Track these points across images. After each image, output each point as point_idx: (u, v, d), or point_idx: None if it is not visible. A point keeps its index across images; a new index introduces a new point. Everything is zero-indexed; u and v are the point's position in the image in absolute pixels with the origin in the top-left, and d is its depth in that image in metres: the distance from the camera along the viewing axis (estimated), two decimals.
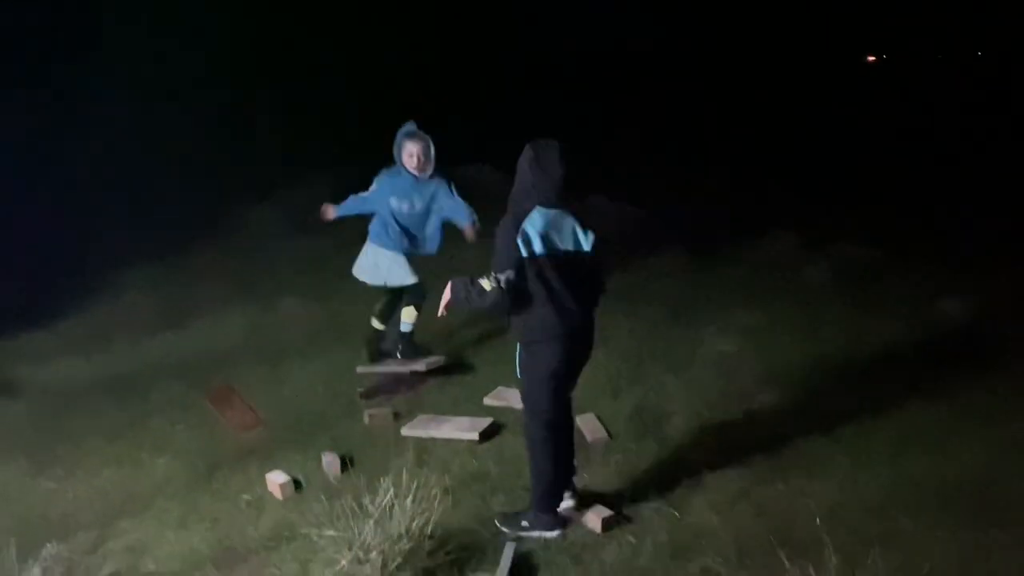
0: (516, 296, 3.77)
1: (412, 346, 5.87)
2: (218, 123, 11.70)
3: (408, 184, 5.55)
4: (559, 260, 3.83)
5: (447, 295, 3.89)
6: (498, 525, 4.06)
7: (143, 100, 11.55)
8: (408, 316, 5.82)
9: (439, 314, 4.05)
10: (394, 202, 5.55)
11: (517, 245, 3.76)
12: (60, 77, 11.08)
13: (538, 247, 3.78)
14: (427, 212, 5.63)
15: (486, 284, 3.75)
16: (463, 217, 5.68)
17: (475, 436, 4.91)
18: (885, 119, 14.32)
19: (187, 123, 11.36)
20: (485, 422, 5.05)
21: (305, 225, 9.25)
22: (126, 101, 11.31)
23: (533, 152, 3.87)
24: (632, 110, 13.76)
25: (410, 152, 5.46)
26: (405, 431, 5.03)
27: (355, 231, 5.88)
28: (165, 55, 12.33)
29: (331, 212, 5.79)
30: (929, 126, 13.29)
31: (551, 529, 3.98)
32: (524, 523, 4.01)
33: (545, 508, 4.01)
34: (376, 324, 5.87)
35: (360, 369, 5.80)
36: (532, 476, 4.05)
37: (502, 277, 3.74)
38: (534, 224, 3.80)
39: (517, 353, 4.00)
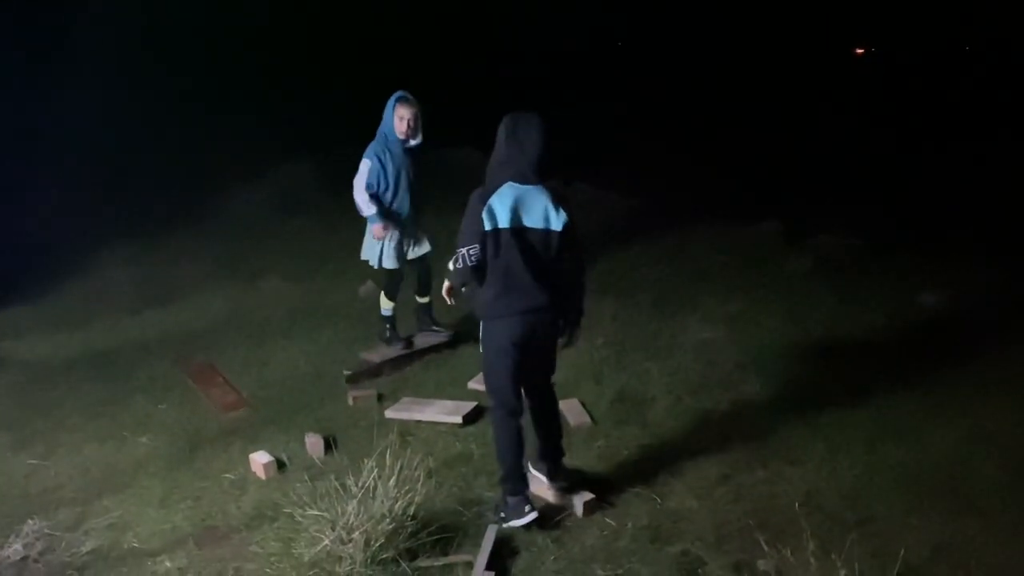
0: (479, 271, 3.73)
1: (395, 331, 5.87)
2: (202, 102, 11.60)
3: (399, 151, 5.46)
4: (523, 238, 3.73)
5: (446, 284, 3.96)
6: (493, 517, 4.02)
7: (126, 77, 11.41)
8: (384, 302, 5.80)
9: (449, 303, 4.13)
10: (391, 172, 5.46)
11: (482, 219, 3.69)
12: (39, 53, 10.93)
13: (503, 222, 3.70)
14: (417, 179, 5.59)
15: (450, 263, 3.76)
16: None
17: (458, 419, 4.94)
18: (872, 111, 14.40)
19: (170, 102, 11.25)
20: (469, 406, 5.07)
21: (287, 206, 9.26)
22: (109, 79, 11.18)
23: (511, 124, 3.75)
24: (617, 99, 13.76)
25: (401, 115, 5.39)
26: (389, 413, 5.05)
27: (338, 212, 5.85)
28: (148, 31, 12.19)
29: (381, 230, 5.52)
30: (915, 118, 13.37)
31: (522, 515, 3.90)
32: (502, 515, 3.99)
33: (512, 492, 3.96)
34: (419, 299, 5.92)
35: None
36: (498, 459, 4.00)
37: (465, 251, 3.69)
38: (502, 199, 3.70)
39: (480, 329, 3.94)
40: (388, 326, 5.84)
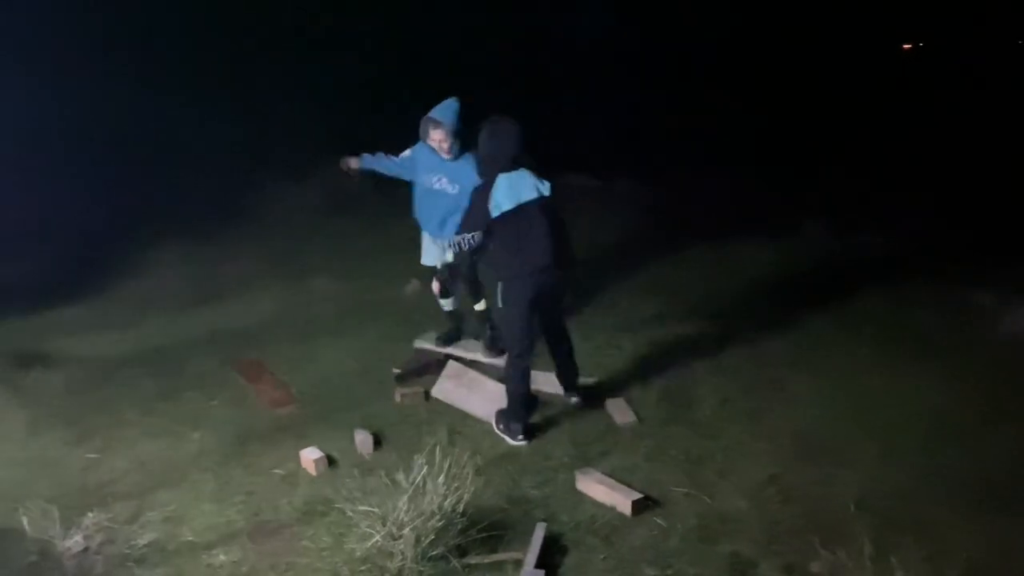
0: (477, 252, 4.81)
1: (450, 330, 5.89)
2: (252, 102, 11.75)
3: (436, 160, 5.36)
4: (527, 211, 4.57)
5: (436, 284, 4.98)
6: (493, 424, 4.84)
7: (177, 76, 11.60)
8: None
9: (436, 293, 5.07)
10: (427, 178, 5.41)
11: (488, 210, 4.54)
12: (97, 52, 11.15)
13: (507, 205, 4.54)
14: (459, 195, 5.29)
15: (447, 254, 4.99)
16: None
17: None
18: (921, 108, 14.11)
19: (221, 100, 11.43)
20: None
21: (335, 205, 9.36)
22: (162, 80, 11.38)
23: (491, 129, 4.61)
24: (658, 96, 13.66)
25: (432, 138, 5.27)
26: (434, 392, 5.22)
27: (384, 211, 5.89)
28: (201, 31, 12.37)
29: (354, 163, 5.67)
30: (967, 114, 13.07)
31: (515, 438, 4.70)
32: (500, 425, 4.79)
33: (515, 418, 4.74)
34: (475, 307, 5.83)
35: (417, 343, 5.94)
36: (507, 392, 4.78)
37: (465, 238, 4.86)
38: (500, 189, 4.55)
39: (498, 289, 4.68)
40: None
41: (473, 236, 4.86)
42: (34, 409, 5.23)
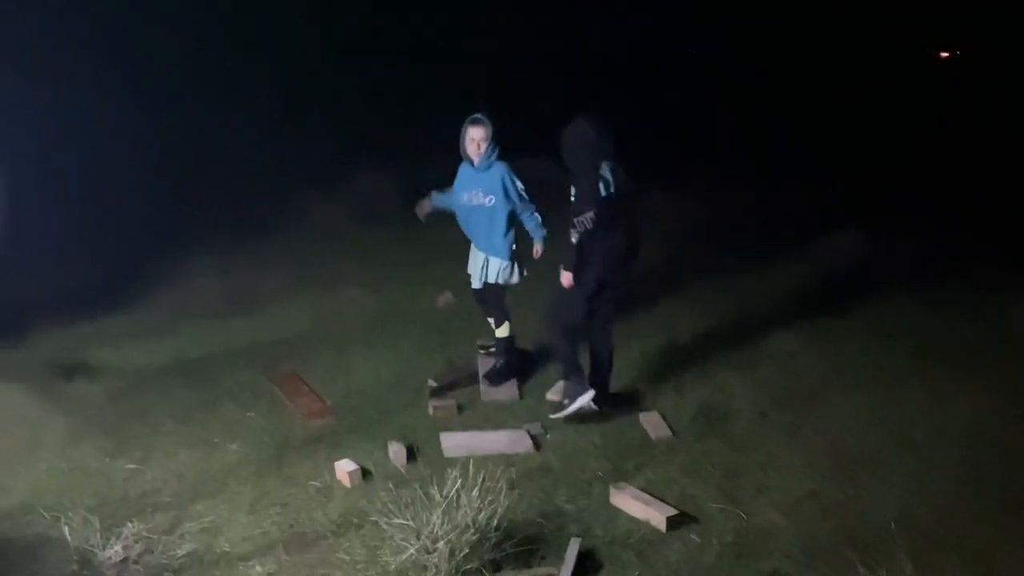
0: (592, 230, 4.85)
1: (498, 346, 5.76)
2: (283, 114, 11.87)
3: (469, 174, 5.39)
4: (621, 198, 4.92)
5: (565, 278, 4.93)
6: (555, 417, 5.03)
7: (216, 88, 11.75)
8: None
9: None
10: (464, 196, 5.43)
11: (598, 188, 4.82)
12: (133, 61, 11.33)
13: (611, 189, 4.87)
14: (496, 205, 5.34)
15: (573, 237, 4.84)
16: (533, 230, 5.47)
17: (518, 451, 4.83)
18: (956, 115, 13.91)
19: (254, 111, 11.56)
20: (524, 440, 4.90)
21: (368, 216, 9.42)
22: (198, 92, 11.54)
23: (580, 125, 4.87)
24: (690, 105, 13.59)
25: (471, 137, 5.26)
26: (448, 451, 4.83)
27: (415, 222, 5.90)
28: (229, 45, 12.51)
29: (427, 206, 5.66)
30: (1004, 121, 12.85)
31: (584, 391, 4.94)
32: (566, 401, 4.99)
33: (574, 374, 5.01)
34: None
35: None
36: (559, 359, 5.11)
37: (585, 217, 4.80)
38: (605, 174, 4.86)
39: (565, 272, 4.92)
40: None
41: (588, 217, 4.82)
42: (75, 418, 5.31)
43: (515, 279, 5.55)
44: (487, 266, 5.49)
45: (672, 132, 12.04)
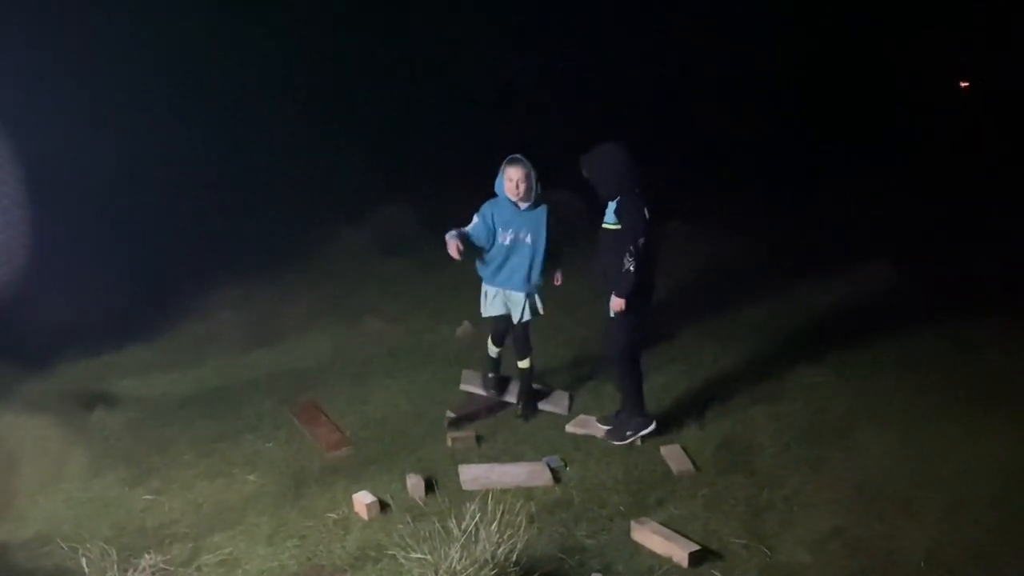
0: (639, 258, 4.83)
1: (492, 375, 5.88)
2: (306, 144, 12.00)
3: (509, 212, 5.35)
4: (655, 229, 4.95)
5: (618, 305, 4.89)
6: (610, 441, 5.12)
7: (240, 118, 11.88)
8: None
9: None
10: (506, 234, 5.35)
11: (643, 211, 4.84)
12: (154, 91, 11.49)
13: (647, 216, 4.87)
14: (535, 244, 5.37)
15: (629, 265, 4.79)
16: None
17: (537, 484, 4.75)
18: (980, 145, 13.79)
19: (276, 144, 11.69)
20: (543, 472, 4.85)
21: (388, 247, 9.46)
22: (220, 121, 11.68)
23: (618, 147, 4.87)
24: (713, 135, 13.58)
25: (510, 177, 5.25)
26: (466, 484, 4.80)
27: (437, 254, 5.89)
28: (256, 71, 12.65)
29: (458, 246, 5.26)
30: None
31: (648, 425, 5.10)
32: (628, 432, 5.11)
33: (638, 409, 5.12)
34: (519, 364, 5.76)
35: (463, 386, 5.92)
36: (623, 391, 5.19)
37: (639, 243, 4.79)
38: (641, 202, 4.86)
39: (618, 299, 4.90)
40: (489, 370, 5.88)
41: (640, 243, 4.83)
42: (96, 448, 5.33)
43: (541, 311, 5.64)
44: (528, 303, 5.49)
45: (696, 163, 12.01)
